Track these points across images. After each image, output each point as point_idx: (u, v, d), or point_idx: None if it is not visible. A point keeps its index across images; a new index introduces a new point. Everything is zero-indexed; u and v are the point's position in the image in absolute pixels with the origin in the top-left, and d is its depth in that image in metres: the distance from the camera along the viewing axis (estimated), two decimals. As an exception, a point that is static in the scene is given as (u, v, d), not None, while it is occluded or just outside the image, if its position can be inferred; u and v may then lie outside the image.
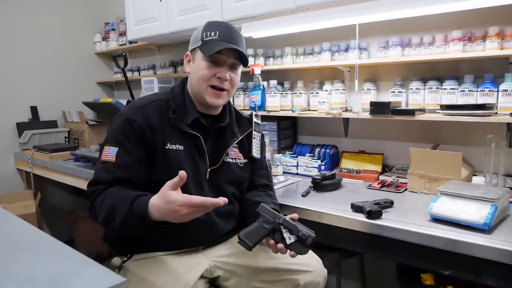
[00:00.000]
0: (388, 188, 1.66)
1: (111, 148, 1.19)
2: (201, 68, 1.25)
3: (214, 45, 1.22)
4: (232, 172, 1.35)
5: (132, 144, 1.20)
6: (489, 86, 1.56)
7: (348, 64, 1.92)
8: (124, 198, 1.11)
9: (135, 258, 1.25)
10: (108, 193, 1.16)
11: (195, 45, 1.28)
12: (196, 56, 1.28)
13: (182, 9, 2.20)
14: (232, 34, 1.27)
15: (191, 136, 1.27)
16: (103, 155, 1.20)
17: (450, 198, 1.25)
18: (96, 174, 1.20)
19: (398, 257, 1.28)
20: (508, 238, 1.09)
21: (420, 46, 1.74)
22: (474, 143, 1.72)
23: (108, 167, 1.18)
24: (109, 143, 1.21)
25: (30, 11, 3.07)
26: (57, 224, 3.22)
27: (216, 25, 1.28)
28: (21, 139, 2.95)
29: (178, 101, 1.30)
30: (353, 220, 1.31)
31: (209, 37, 1.24)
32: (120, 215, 1.08)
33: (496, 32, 1.53)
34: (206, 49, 1.23)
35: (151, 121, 1.22)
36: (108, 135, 1.24)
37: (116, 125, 1.23)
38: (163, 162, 1.22)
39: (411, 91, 1.76)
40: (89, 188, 1.19)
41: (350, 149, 2.08)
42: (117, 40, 3.30)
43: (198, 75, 1.26)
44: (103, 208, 1.13)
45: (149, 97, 1.32)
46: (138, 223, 1.07)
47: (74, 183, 2.44)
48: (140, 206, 1.06)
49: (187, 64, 1.34)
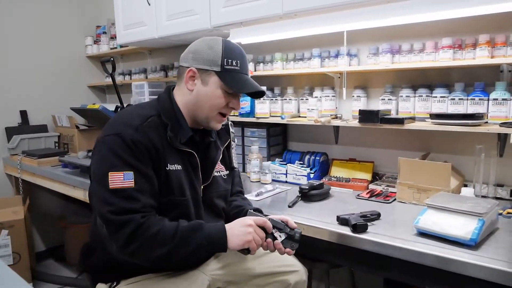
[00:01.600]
0: (377, 198, 1.63)
1: (125, 173, 1.07)
2: (217, 97, 1.19)
3: (239, 80, 1.19)
4: (220, 186, 1.33)
5: (146, 166, 1.11)
6: (480, 95, 1.53)
7: (338, 70, 1.89)
8: (191, 228, 1.10)
9: (127, 282, 1.17)
10: (158, 224, 1.07)
11: (210, 68, 1.18)
12: (211, 81, 1.19)
13: (170, 14, 2.17)
14: (247, 63, 1.25)
15: (186, 154, 1.22)
16: (114, 182, 1.06)
17: (437, 212, 1.22)
18: (114, 205, 1.05)
19: (384, 272, 1.25)
20: (495, 255, 1.06)
21: (410, 53, 1.71)
22: (464, 152, 1.69)
23: (130, 194, 1.06)
24: (117, 167, 1.07)
25: (21, 14, 3.04)
26: (47, 229, 3.19)
27: (238, 53, 1.21)
28: (10, 144, 2.91)
29: (171, 117, 1.21)
30: (338, 234, 1.28)
31: (230, 66, 1.18)
32: (194, 246, 1.08)
33: (486, 40, 1.50)
34: (230, 81, 1.18)
35: (153, 141, 1.13)
36: (108, 158, 1.09)
37: (117, 146, 1.09)
38: (166, 184, 1.15)
39: (401, 98, 1.73)
40: (116, 217, 1.05)
41: (341, 157, 2.05)
42: (108, 44, 3.26)
43: (212, 103, 1.20)
44: (163, 240, 1.06)
45: (140, 112, 1.19)
46: (212, 251, 1.15)
47: (62, 189, 2.41)
48: (218, 234, 1.11)
49: (191, 81, 1.21)
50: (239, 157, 2.24)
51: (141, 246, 1.05)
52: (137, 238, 1.04)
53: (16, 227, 2.66)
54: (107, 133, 1.12)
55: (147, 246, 1.06)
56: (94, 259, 1.23)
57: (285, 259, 1.33)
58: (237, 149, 2.24)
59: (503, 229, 1.26)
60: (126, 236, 1.04)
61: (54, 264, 3.14)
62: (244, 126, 2.23)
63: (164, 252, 1.06)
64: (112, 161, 1.08)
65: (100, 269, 1.22)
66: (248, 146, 2.18)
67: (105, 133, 1.13)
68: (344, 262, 1.35)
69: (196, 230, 1.11)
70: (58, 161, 2.56)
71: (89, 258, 1.26)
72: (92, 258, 1.25)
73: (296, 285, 1.31)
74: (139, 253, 1.06)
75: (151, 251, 1.06)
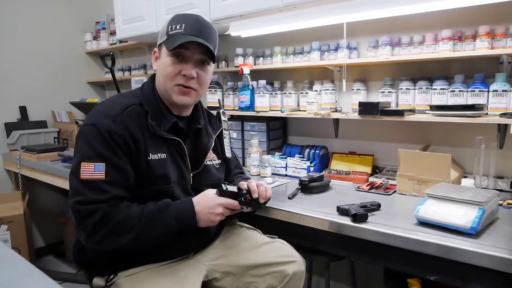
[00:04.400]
0: (377, 190, 1.63)
1: (96, 165, 1.06)
2: (166, 65, 1.17)
3: (177, 39, 1.13)
4: (212, 175, 1.32)
5: (121, 158, 1.09)
6: (480, 86, 1.53)
7: (337, 63, 1.88)
8: (157, 209, 1.10)
9: (125, 275, 1.16)
10: (124, 211, 1.07)
11: (161, 40, 1.20)
12: (162, 52, 1.19)
13: (170, 8, 2.16)
14: (201, 27, 1.17)
15: (171, 142, 1.20)
16: (85, 173, 1.06)
17: (437, 201, 1.22)
18: (83, 195, 1.05)
19: (384, 261, 1.25)
20: (495, 243, 1.06)
21: (410, 45, 1.71)
22: (464, 144, 1.69)
23: (99, 186, 1.06)
24: (89, 159, 1.06)
25: (19, 10, 3.03)
26: (46, 225, 3.19)
27: (183, 17, 1.18)
28: (9, 140, 2.91)
29: (152, 104, 1.20)
30: (338, 224, 1.28)
31: (174, 31, 1.16)
32: (163, 226, 1.09)
33: (486, 31, 1.50)
34: (170, 43, 1.14)
35: (131, 131, 1.11)
36: (82, 149, 1.08)
37: (92, 137, 1.08)
38: (147, 175, 1.13)
39: (401, 91, 1.73)
40: (82, 207, 1.05)
41: (340, 150, 2.04)
42: (107, 40, 3.26)
43: (164, 73, 1.18)
44: (131, 225, 1.06)
45: (120, 101, 1.17)
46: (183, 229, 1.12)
47: (61, 184, 2.40)
48: (185, 212, 1.12)
49: (154, 61, 1.24)
50: (239, 151, 2.24)
51: (107, 234, 1.05)
52: (103, 226, 1.04)
53: (16, 222, 2.66)
54: (85, 123, 1.12)
55: (114, 233, 1.06)
56: (86, 254, 1.21)
57: (283, 250, 1.34)
58: (237, 143, 2.25)
59: (503, 219, 1.26)
60: (93, 225, 1.04)
61: (53, 260, 3.14)
62: (243, 120, 2.22)
63: (131, 237, 1.07)
64: (85, 151, 1.08)
65: (94, 262, 1.21)
66: (248, 140, 2.18)
67: (84, 123, 1.13)
68: (344, 252, 1.34)
69: (163, 210, 1.10)
70: (57, 156, 2.55)
71: (81, 253, 1.23)
72: (83, 253, 1.22)
73: (295, 275, 1.30)
74: (106, 240, 1.06)
75: (118, 238, 1.06)
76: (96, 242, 1.06)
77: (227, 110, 2.24)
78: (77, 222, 1.07)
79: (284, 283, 1.28)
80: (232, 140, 2.27)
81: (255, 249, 1.33)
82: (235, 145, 2.27)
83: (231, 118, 2.35)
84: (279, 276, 1.29)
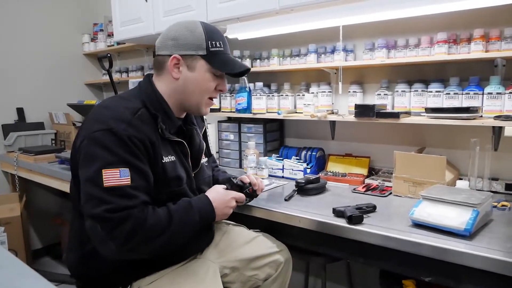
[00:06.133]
0: (373, 192, 1.64)
1: (121, 170, 1.02)
2: (207, 81, 1.19)
3: (226, 61, 1.19)
4: (205, 173, 1.36)
5: (143, 163, 1.07)
6: (474, 89, 1.54)
7: (334, 66, 1.89)
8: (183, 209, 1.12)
9: (145, 283, 1.15)
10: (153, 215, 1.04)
11: (195, 52, 1.16)
12: (198, 66, 1.17)
13: (167, 10, 2.17)
14: (227, 43, 1.24)
15: (177, 144, 1.21)
16: (109, 180, 1.00)
17: (432, 203, 1.23)
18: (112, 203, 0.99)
19: (380, 263, 1.26)
20: (489, 245, 1.07)
21: (406, 48, 1.72)
22: (459, 146, 1.71)
23: (127, 192, 1.01)
24: (112, 165, 1.02)
25: (17, 11, 3.03)
26: (43, 227, 3.18)
27: (219, 34, 1.21)
28: (6, 141, 2.90)
29: (158, 107, 1.18)
30: (334, 225, 1.28)
31: (215, 48, 1.17)
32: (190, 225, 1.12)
33: (481, 34, 1.51)
34: (218, 63, 1.17)
35: (148, 134, 1.09)
36: (101, 155, 1.02)
37: (111, 142, 1.03)
38: (163, 178, 1.13)
39: (397, 93, 1.74)
40: (114, 215, 0.99)
41: (337, 152, 2.06)
42: (105, 41, 3.26)
43: (202, 88, 1.19)
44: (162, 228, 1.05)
45: (125, 104, 1.13)
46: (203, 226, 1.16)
47: (59, 185, 2.40)
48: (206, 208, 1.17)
49: (175, 68, 1.17)
50: (236, 152, 2.25)
51: (142, 240, 1.02)
52: (137, 232, 1.01)
53: (13, 224, 2.66)
54: (95, 129, 1.05)
55: (148, 239, 1.03)
56: (92, 265, 1.14)
57: (270, 241, 1.45)
58: (234, 145, 2.26)
59: (497, 220, 1.27)
60: (127, 232, 0.99)
61: (50, 262, 3.14)
62: (240, 121, 2.23)
63: (164, 240, 1.06)
64: (105, 158, 1.02)
65: (102, 274, 1.15)
66: (244, 142, 2.19)
67: (93, 128, 1.05)
68: (340, 254, 1.35)
69: (188, 209, 1.13)
70: (55, 158, 2.55)
71: (84, 265, 1.17)
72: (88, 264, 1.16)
73: (286, 262, 1.44)
74: (140, 247, 1.03)
75: (152, 243, 1.05)
76: (129, 250, 1.02)
77: (224, 112, 2.25)
78: (106, 232, 0.99)
79: (279, 271, 1.42)
80: (229, 142, 2.28)
81: (249, 243, 1.41)
82: (232, 147, 2.28)
83: (228, 120, 2.37)
84: (274, 265, 1.41)
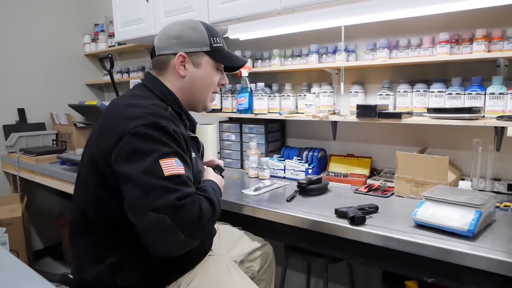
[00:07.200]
0: (375, 192, 1.63)
1: (176, 160, 1.01)
2: (212, 76, 1.25)
3: (228, 55, 1.27)
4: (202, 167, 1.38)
5: (187, 155, 1.10)
6: (477, 89, 1.54)
7: (335, 66, 1.89)
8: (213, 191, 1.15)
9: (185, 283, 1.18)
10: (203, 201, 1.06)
11: (200, 49, 1.20)
12: (203, 62, 1.22)
13: (169, 10, 2.17)
14: None
15: (195, 140, 1.27)
16: (168, 169, 0.99)
17: (434, 204, 1.23)
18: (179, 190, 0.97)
19: (382, 264, 1.25)
20: (492, 246, 1.07)
21: (407, 48, 1.71)
22: (462, 147, 1.70)
23: (185, 180, 1.01)
24: (168, 155, 1.01)
25: (18, 12, 3.04)
26: (45, 227, 3.19)
27: (215, 30, 1.27)
28: (8, 142, 2.90)
29: (177, 106, 1.21)
30: (336, 226, 1.28)
31: (217, 44, 1.24)
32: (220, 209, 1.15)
33: (483, 34, 1.51)
34: (221, 58, 1.25)
35: (182, 130, 1.13)
36: (154, 148, 1.00)
37: (162, 135, 1.03)
38: (192, 172, 1.12)
39: (399, 94, 1.74)
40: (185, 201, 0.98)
41: (338, 152, 2.05)
42: (106, 42, 3.26)
43: (208, 83, 1.25)
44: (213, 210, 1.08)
45: (151, 102, 1.13)
46: None
47: (60, 186, 2.40)
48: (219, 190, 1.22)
49: (182, 66, 1.19)
50: (237, 153, 2.25)
51: (206, 224, 1.04)
52: (203, 216, 1.01)
53: (14, 224, 2.66)
54: (137, 125, 1.02)
55: (209, 222, 1.05)
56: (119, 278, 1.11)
57: (254, 236, 1.54)
58: (235, 145, 2.25)
59: (500, 221, 1.27)
60: (197, 218, 0.99)
61: (52, 262, 3.14)
62: (242, 122, 2.23)
63: (213, 222, 1.12)
64: (160, 149, 1.00)
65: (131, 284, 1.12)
66: (246, 142, 2.18)
67: (132, 125, 1.02)
68: (342, 254, 1.35)
69: (216, 190, 1.18)
70: (56, 158, 2.55)
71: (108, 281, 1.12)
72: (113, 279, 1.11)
73: (272, 253, 1.59)
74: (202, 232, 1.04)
75: (208, 226, 1.08)
76: (196, 236, 1.01)
77: (226, 113, 2.24)
78: (178, 221, 0.95)
79: (269, 262, 1.55)
80: (230, 143, 2.28)
81: (241, 238, 1.51)
82: (233, 148, 2.27)
83: (229, 121, 2.36)
84: (265, 257, 1.53)
